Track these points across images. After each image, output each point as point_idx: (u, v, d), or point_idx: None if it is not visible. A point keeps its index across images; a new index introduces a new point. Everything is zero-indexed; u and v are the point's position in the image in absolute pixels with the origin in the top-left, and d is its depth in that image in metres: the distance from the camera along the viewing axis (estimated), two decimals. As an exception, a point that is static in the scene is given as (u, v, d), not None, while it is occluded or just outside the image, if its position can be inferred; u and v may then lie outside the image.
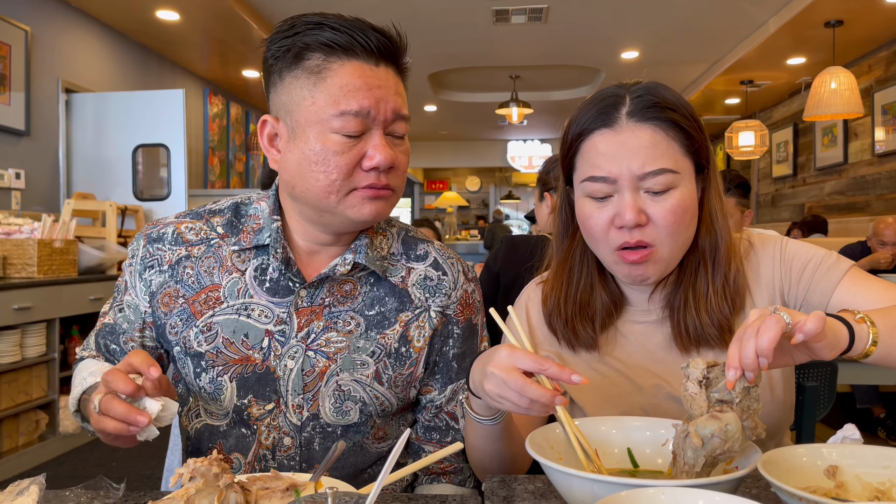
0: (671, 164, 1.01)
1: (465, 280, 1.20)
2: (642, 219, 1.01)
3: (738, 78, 7.67)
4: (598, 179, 1.03)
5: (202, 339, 1.11)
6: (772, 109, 8.88)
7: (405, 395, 1.15)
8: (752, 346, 0.77)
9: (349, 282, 1.13)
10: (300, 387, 1.09)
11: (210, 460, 0.74)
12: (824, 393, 1.99)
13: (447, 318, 1.17)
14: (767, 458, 0.76)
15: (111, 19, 5.73)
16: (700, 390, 0.80)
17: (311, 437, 1.10)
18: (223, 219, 1.17)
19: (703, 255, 1.08)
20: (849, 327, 0.85)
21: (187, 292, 1.13)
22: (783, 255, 1.10)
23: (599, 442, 0.95)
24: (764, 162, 9.02)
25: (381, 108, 1.02)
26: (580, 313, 1.13)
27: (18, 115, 4.73)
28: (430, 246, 1.20)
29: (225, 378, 1.10)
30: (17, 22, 4.67)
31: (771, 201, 8.89)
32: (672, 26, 6.26)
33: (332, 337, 1.10)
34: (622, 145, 1.02)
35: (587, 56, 7.41)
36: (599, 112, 1.04)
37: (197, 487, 0.71)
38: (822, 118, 5.59)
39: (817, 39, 6.06)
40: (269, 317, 1.10)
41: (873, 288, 1.03)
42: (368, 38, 1.01)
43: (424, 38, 6.54)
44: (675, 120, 1.03)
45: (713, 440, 0.78)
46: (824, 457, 0.79)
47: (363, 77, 1.01)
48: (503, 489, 0.94)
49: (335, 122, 1.00)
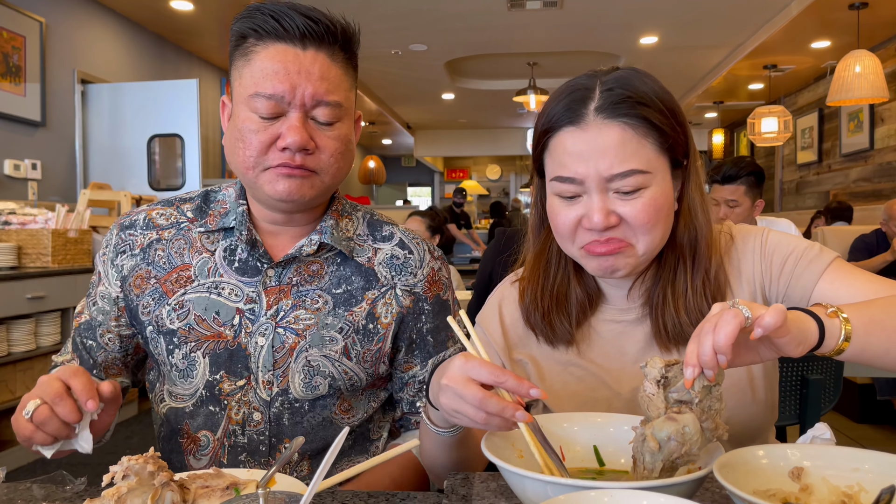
0: (642, 163, 0.95)
1: (432, 258, 1.23)
2: (611, 220, 0.96)
3: (762, 62, 7.50)
4: (566, 180, 0.98)
5: (174, 316, 1.13)
6: (796, 94, 8.69)
7: (374, 371, 1.17)
8: (709, 342, 0.73)
9: (316, 262, 1.16)
10: (270, 363, 1.12)
11: (145, 458, 0.72)
12: (829, 385, 1.93)
13: (416, 296, 1.19)
14: (726, 459, 0.72)
15: (126, 9, 5.76)
16: (658, 390, 0.76)
17: (279, 412, 1.13)
18: (193, 205, 1.21)
19: (682, 250, 1.04)
20: (818, 322, 0.81)
21: (159, 273, 1.16)
22: (764, 249, 1.06)
23: (565, 440, 0.92)
24: (788, 148, 8.83)
25: (297, 93, 1.03)
26: (557, 307, 1.10)
27: (34, 106, 4.77)
28: (394, 227, 1.24)
29: (198, 354, 1.12)
30: (32, 13, 4.71)
31: (795, 188, 8.71)
32: (691, 10, 6.13)
33: (301, 314, 1.13)
34: (589, 144, 0.95)
35: (605, 42, 7.30)
36: (566, 107, 0.98)
37: (129, 486, 0.69)
38: (846, 103, 5.46)
39: (842, 22, 5.90)
40: (238, 295, 1.13)
41: (857, 280, 0.98)
42: (294, 22, 1.03)
43: (440, 25, 6.49)
44: (647, 116, 0.96)
45: (670, 443, 0.74)
46: (787, 458, 0.74)
47: (283, 61, 1.03)
48: (464, 487, 0.91)
49: (251, 102, 1.04)
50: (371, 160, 11.83)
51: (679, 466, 0.77)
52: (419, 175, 17.35)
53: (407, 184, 17.65)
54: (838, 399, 1.94)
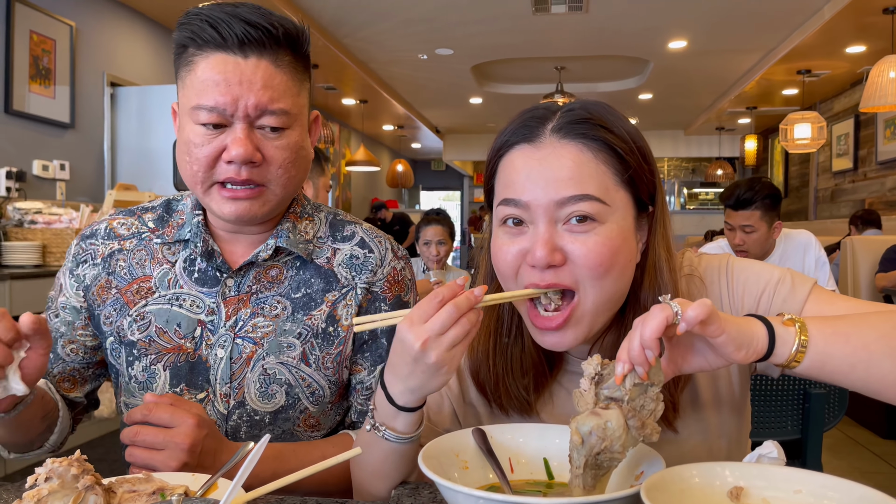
0: (598, 191, 0.85)
1: (394, 257, 1.19)
2: (556, 258, 0.84)
3: (795, 67, 7.34)
4: (511, 203, 0.88)
5: (135, 327, 1.12)
6: (832, 100, 8.48)
7: (337, 378, 1.14)
8: (637, 337, 0.71)
9: (275, 267, 1.14)
10: (228, 375, 1.10)
11: (70, 460, 0.71)
12: (834, 401, 1.86)
13: (373, 294, 1.16)
14: (659, 477, 0.69)
15: (155, 13, 5.86)
16: (590, 387, 0.75)
17: (237, 425, 1.11)
18: (154, 214, 1.19)
19: (647, 310, 0.92)
20: (768, 327, 0.77)
21: (119, 283, 1.15)
22: (731, 284, 0.96)
23: (515, 452, 0.90)
24: (823, 155, 8.63)
25: (239, 104, 1.00)
26: (511, 370, 0.97)
27: (63, 108, 4.88)
28: (357, 227, 1.20)
29: (158, 367, 1.11)
30: (63, 17, 4.82)
31: (830, 196, 8.51)
32: (720, 13, 6.02)
33: (259, 322, 1.11)
34: (541, 163, 0.86)
35: (632, 46, 7.21)
36: (522, 125, 0.91)
37: (51, 489, 0.69)
38: (880, 109, 5.31)
39: (877, 26, 5.74)
40: (200, 307, 1.12)
41: (837, 305, 0.91)
42: (233, 29, 0.99)
43: (465, 29, 6.48)
44: (608, 141, 0.87)
45: (591, 437, 0.72)
46: (723, 477, 0.71)
47: (223, 72, 1.00)
48: (410, 497, 0.89)
49: (194, 114, 1.01)
50: (399, 164, 11.87)
51: (604, 465, 0.75)
52: (448, 179, 17.36)
53: (420, 188, 17.63)
54: (854, 413, 1.87)
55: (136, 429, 0.92)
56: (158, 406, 0.93)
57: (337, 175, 10.62)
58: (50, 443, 1.15)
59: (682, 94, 9.50)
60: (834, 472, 0.72)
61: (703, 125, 11.32)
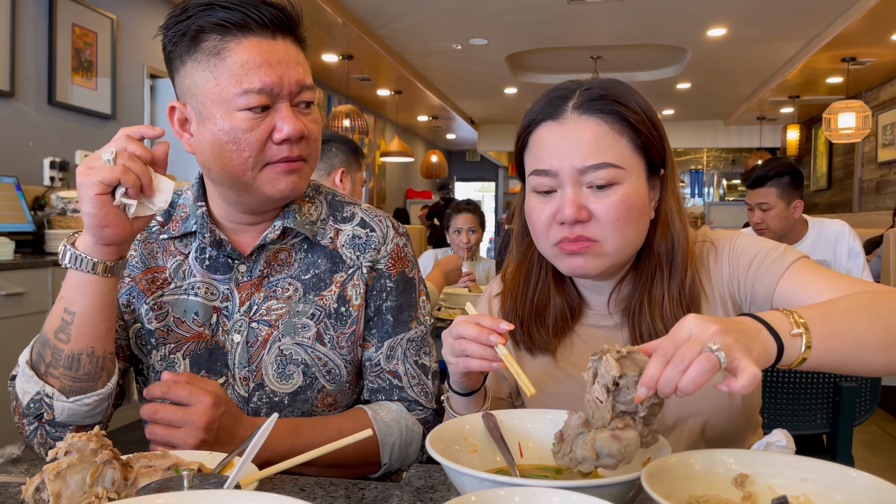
0: (615, 158, 0.98)
1: (396, 234, 1.22)
2: (583, 215, 0.98)
3: (840, 55, 7.13)
4: (542, 173, 1.01)
5: (152, 316, 1.15)
6: (878, 89, 8.23)
7: (353, 357, 1.16)
8: (675, 378, 0.69)
9: (283, 250, 1.16)
10: (245, 359, 1.12)
11: (89, 435, 0.74)
12: (865, 394, 1.83)
13: (378, 272, 1.19)
14: (661, 463, 0.69)
15: (194, 7, 5.95)
16: (607, 398, 0.74)
17: (258, 407, 1.13)
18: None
19: (660, 259, 1.04)
20: (778, 341, 0.76)
21: (132, 272, 1.17)
22: (732, 253, 1.06)
23: (525, 437, 0.91)
24: (869, 146, 8.38)
25: (284, 82, 1.04)
26: (536, 317, 1.12)
27: (105, 100, 5.00)
28: (356, 208, 1.23)
29: (178, 356, 1.14)
30: (104, 10, 4.93)
31: (875, 188, 8.27)
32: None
33: (273, 305, 1.13)
34: (565, 137, 1.00)
35: (670, 34, 7.09)
36: (547, 104, 1.03)
37: (70, 462, 0.72)
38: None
39: (926, 11, 5.56)
40: (214, 294, 1.14)
41: (817, 279, 0.95)
42: (262, 12, 1.02)
43: (499, 19, 6.44)
44: (622, 114, 0.99)
45: (608, 459, 0.73)
46: (727, 465, 0.71)
47: (262, 53, 1.03)
48: (422, 479, 0.90)
49: (240, 100, 1.02)
50: (434, 154, 11.88)
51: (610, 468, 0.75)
52: (483, 170, 17.31)
53: (454, 179, 17.59)
54: (893, 408, 1.84)
55: (155, 406, 0.95)
56: (177, 384, 0.96)
57: (371, 166, 10.68)
58: (105, 390, 1.03)
59: (721, 83, 9.31)
60: (869, 467, 0.72)
61: (744, 115, 11.08)
